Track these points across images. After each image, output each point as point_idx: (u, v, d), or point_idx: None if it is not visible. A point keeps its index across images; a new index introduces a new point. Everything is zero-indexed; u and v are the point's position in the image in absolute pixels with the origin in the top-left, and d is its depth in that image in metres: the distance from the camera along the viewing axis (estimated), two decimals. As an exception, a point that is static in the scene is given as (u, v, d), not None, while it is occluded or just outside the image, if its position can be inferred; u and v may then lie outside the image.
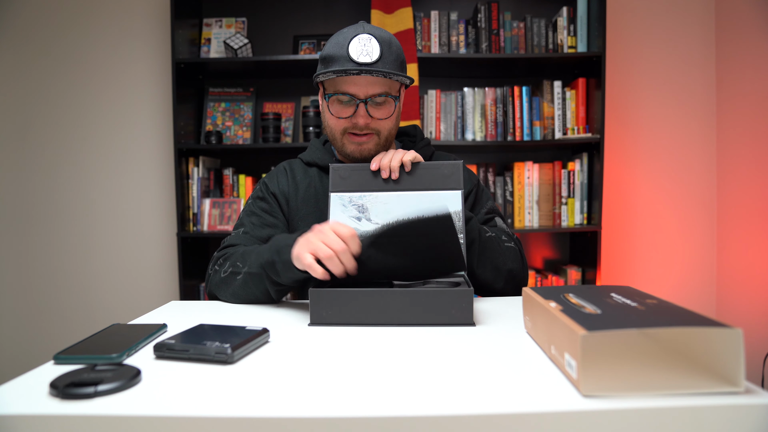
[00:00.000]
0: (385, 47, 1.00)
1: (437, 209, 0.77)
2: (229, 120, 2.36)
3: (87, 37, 2.39)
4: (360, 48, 0.99)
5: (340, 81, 1.01)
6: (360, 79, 1.00)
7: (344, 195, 0.96)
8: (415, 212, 0.89)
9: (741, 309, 2.25)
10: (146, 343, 0.67)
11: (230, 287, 0.94)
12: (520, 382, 0.51)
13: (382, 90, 1.02)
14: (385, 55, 1.00)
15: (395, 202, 0.95)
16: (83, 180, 2.42)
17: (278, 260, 0.85)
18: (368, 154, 1.06)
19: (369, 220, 0.94)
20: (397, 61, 1.03)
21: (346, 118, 1.03)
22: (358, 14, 2.33)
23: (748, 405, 0.45)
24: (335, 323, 0.75)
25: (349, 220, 0.94)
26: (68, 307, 2.43)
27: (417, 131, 1.21)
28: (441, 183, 0.96)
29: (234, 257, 0.96)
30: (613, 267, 2.43)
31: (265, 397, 0.49)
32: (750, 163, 2.19)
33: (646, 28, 2.41)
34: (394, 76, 0.99)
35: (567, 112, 2.24)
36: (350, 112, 1.02)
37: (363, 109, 1.01)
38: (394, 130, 1.09)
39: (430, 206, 0.93)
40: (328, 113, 1.05)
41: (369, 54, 0.99)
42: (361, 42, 0.99)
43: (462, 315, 0.74)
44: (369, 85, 1.00)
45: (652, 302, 0.57)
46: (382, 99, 1.02)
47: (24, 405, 0.48)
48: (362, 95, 1.01)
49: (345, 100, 1.02)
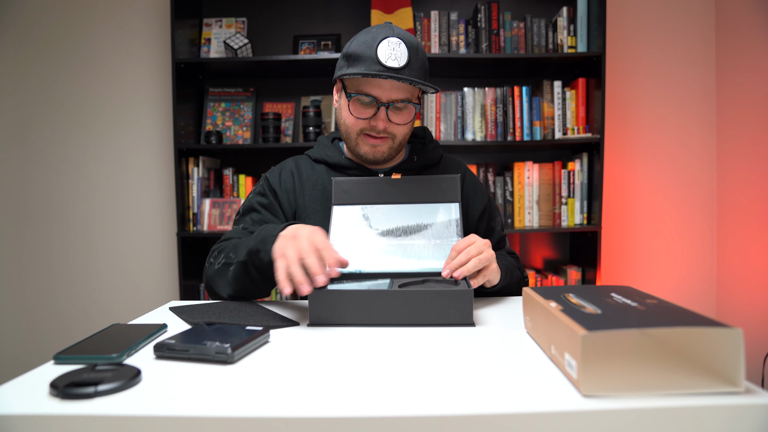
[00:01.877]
0: (413, 53, 0.99)
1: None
2: (229, 120, 2.36)
3: (87, 37, 2.39)
4: (389, 52, 0.98)
5: (364, 82, 1.00)
6: (385, 83, 0.99)
7: (347, 208, 1.00)
8: (415, 223, 0.96)
9: (741, 309, 2.25)
10: (146, 343, 0.67)
11: (224, 278, 0.94)
12: (520, 382, 0.51)
13: (405, 96, 1.01)
14: (413, 61, 0.99)
15: (396, 212, 0.99)
16: (83, 180, 2.42)
17: (262, 249, 0.85)
18: (381, 157, 1.06)
19: (370, 227, 0.97)
20: (422, 68, 1.02)
21: (365, 119, 1.03)
22: (358, 14, 2.33)
23: (748, 405, 0.45)
24: (335, 323, 0.75)
25: (352, 226, 0.97)
26: (68, 307, 2.43)
27: (426, 133, 1.21)
28: (439, 195, 1.01)
29: (227, 249, 0.96)
30: (613, 267, 2.43)
31: (265, 397, 0.49)
32: (750, 164, 2.19)
33: (646, 28, 2.41)
34: (420, 85, 0.99)
35: (567, 112, 2.24)
36: (370, 113, 1.02)
37: (383, 113, 1.01)
38: (409, 135, 1.09)
39: (429, 218, 0.98)
40: (347, 111, 1.04)
41: (397, 59, 0.98)
42: (391, 45, 0.98)
43: (462, 315, 0.74)
44: (393, 89, 1.00)
45: (652, 302, 0.57)
46: (404, 105, 1.02)
47: (24, 405, 0.48)
48: (385, 99, 1.00)
49: (366, 101, 1.02)
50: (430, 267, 0.91)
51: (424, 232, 0.96)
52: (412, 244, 0.95)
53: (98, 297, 2.43)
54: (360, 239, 0.96)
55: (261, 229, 0.89)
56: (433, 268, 0.91)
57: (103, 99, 2.41)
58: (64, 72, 2.40)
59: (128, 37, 2.40)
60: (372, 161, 1.08)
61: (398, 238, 0.96)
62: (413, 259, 0.92)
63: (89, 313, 2.43)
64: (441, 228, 0.96)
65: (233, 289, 0.93)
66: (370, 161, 1.08)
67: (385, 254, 0.93)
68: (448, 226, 0.96)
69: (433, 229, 0.96)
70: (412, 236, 0.96)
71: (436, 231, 0.96)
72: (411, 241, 0.95)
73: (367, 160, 1.08)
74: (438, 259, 0.92)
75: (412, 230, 0.97)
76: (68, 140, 2.41)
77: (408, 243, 0.95)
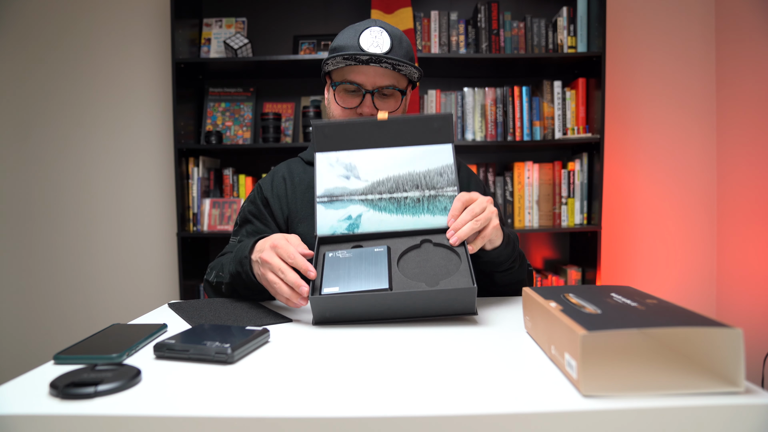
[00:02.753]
0: (395, 41, 1.01)
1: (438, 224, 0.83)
2: (229, 120, 2.36)
3: (87, 38, 2.39)
4: (371, 39, 0.99)
5: (348, 70, 1.01)
6: (368, 69, 1.00)
7: (331, 154, 0.91)
8: (407, 171, 0.88)
9: (741, 309, 2.25)
10: (146, 343, 0.67)
11: (220, 294, 0.97)
12: (520, 382, 0.51)
13: (390, 82, 1.02)
14: (396, 48, 1.01)
15: (385, 158, 0.91)
16: (83, 180, 2.42)
17: (242, 271, 0.87)
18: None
19: (358, 177, 0.90)
20: (407, 56, 1.04)
21: (352, 109, 1.03)
22: (358, 14, 2.33)
23: (748, 405, 0.45)
24: (338, 322, 0.75)
25: (337, 179, 0.90)
26: (68, 307, 2.43)
27: None
28: (431, 137, 0.91)
29: (217, 267, 0.98)
30: (613, 267, 2.43)
31: (265, 397, 0.49)
32: (750, 163, 2.19)
33: (646, 28, 2.41)
34: (403, 67, 0.99)
35: (567, 112, 2.24)
36: (356, 102, 1.02)
37: (369, 100, 1.01)
38: None
39: (423, 165, 0.90)
40: (334, 103, 1.05)
41: (379, 46, 0.99)
42: (373, 34, 1.00)
43: (464, 306, 0.74)
44: (377, 75, 1.00)
45: (652, 302, 0.57)
46: (390, 91, 1.03)
47: (24, 405, 0.48)
48: (369, 86, 1.01)
49: (351, 90, 1.02)
50: (426, 223, 0.86)
51: (417, 182, 0.89)
52: (404, 197, 0.88)
53: (98, 297, 2.43)
54: (348, 195, 0.89)
55: (236, 251, 0.91)
56: (430, 225, 0.86)
57: (104, 99, 2.41)
58: (64, 72, 2.40)
59: (128, 37, 2.40)
60: None
61: (389, 191, 0.89)
62: (408, 215, 0.87)
63: (89, 313, 2.43)
64: (435, 176, 0.89)
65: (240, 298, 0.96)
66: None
67: (377, 211, 0.87)
68: (442, 173, 0.89)
69: (427, 178, 0.89)
70: (404, 188, 0.89)
71: (429, 180, 0.89)
72: (403, 195, 0.88)
73: None
74: (434, 214, 0.86)
75: (403, 180, 0.89)
76: (68, 140, 2.41)
77: (400, 197, 0.88)
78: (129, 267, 2.44)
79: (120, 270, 2.44)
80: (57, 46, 2.39)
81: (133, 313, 2.34)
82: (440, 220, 0.86)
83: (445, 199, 0.87)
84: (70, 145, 2.42)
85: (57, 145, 2.42)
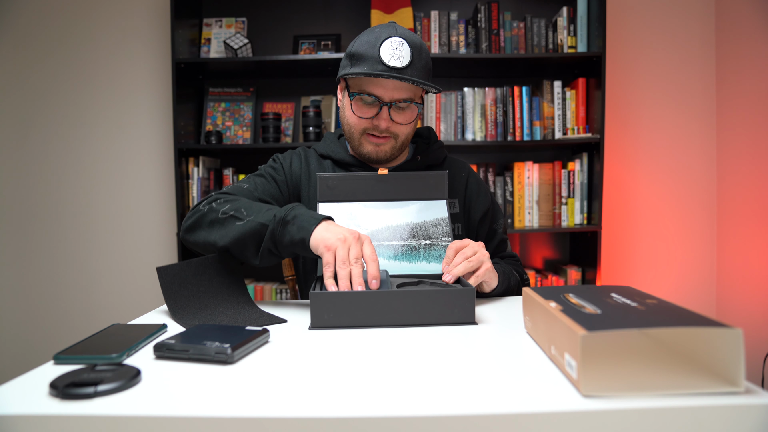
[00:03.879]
0: (416, 53, 1.00)
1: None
2: (229, 120, 2.36)
3: (87, 38, 2.39)
4: (392, 51, 0.98)
5: (367, 81, 1.01)
6: (387, 83, 1.00)
7: (333, 205, 0.99)
8: (404, 222, 0.95)
9: (741, 309, 2.25)
10: (146, 343, 0.67)
11: (223, 229, 0.88)
12: (520, 382, 0.51)
13: (407, 96, 1.02)
14: (415, 61, 1.00)
15: (384, 210, 0.98)
16: (83, 180, 2.42)
17: (295, 226, 0.82)
18: (384, 156, 1.07)
19: (358, 226, 0.96)
20: (425, 68, 1.03)
21: (368, 119, 1.03)
22: (358, 14, 2.33)
23: (748, 405, 0.45)
24: (336, 326, 0.75)
25: (341, 222, 0.96)
26: (68, 307, 2.43)
27: (431, 133, 1.21)
28: (427, 192, 0.99)
29: (238, 203, 0.91)
30: (613, 267, 2.43)
31: (265, 397, 0.49)
32: (750, 163, 2.19)
33: (646, 28, 2.41)
34: (422, 85, 0.99)
35: (567, 112, 2.24)
36: (373, 113, 1.02)
37: (386, 113, 1.01)
38: (412, 134, 1.09)
39: (418, 218, 0.97)
40: (350, 111, 1.05)
41: (400, 59, 0.98)
42: (394, 45, 0.98)
43: (464, 314, 0.74)
44: (395, 89, 1.00)
45: (652, 302, 0.57)
46: (406, 104, 1.03)
47: (24, 405, 0.48)
48: (387, 99, 1.01)
49: (369, 101, 1.02)
50: (422, 269, 0.91)
51: (414, 232, 0.96)
52: (402, 245, 0.94)
53: (98, 297, 2.43)
54: None
55: (294, 206, 0.86)
56: (426, 271, 0.91)
57: (104, 99, 2.41)
58: (64, 72, 2.40)
59: (128, 37, 2.40)
60: (375, 161, 1.08)
61: (388, 239, 0.95)
62: (405, 261, 0.92)
63: (89, 313, 2.43)
64: (430, 227, 0.96)
65: (231, 244, 0.87)
66: (374, 161, 1.09)
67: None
68: (437, 225, 0.96)
69: (423, 229, 0.96)
70: (402, 237, 0.95)
71: (425, 231, 0.96)
72: (401, 242, 0.94)
73: (370, 159, 1.08)
74: (429, 261, 0.92)
75: (401, 230, 0.96)
76: (68, 140, 2.41)
77: (398, 244, 0.94)
78: (129, 267, 2.44)
79: (120, 270, 2.44)
80: (57, 46, 2.39)
81: (133, 313, 2.34)
82: (435, 267, 0.92)
83: (440, 248, 0.94)
84: (70, 145, 2.42)
85: (57, 145, 2.42)
